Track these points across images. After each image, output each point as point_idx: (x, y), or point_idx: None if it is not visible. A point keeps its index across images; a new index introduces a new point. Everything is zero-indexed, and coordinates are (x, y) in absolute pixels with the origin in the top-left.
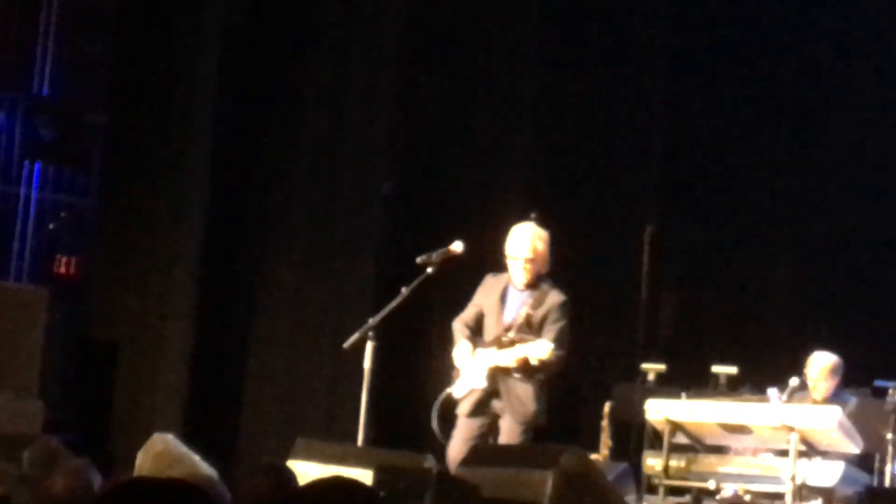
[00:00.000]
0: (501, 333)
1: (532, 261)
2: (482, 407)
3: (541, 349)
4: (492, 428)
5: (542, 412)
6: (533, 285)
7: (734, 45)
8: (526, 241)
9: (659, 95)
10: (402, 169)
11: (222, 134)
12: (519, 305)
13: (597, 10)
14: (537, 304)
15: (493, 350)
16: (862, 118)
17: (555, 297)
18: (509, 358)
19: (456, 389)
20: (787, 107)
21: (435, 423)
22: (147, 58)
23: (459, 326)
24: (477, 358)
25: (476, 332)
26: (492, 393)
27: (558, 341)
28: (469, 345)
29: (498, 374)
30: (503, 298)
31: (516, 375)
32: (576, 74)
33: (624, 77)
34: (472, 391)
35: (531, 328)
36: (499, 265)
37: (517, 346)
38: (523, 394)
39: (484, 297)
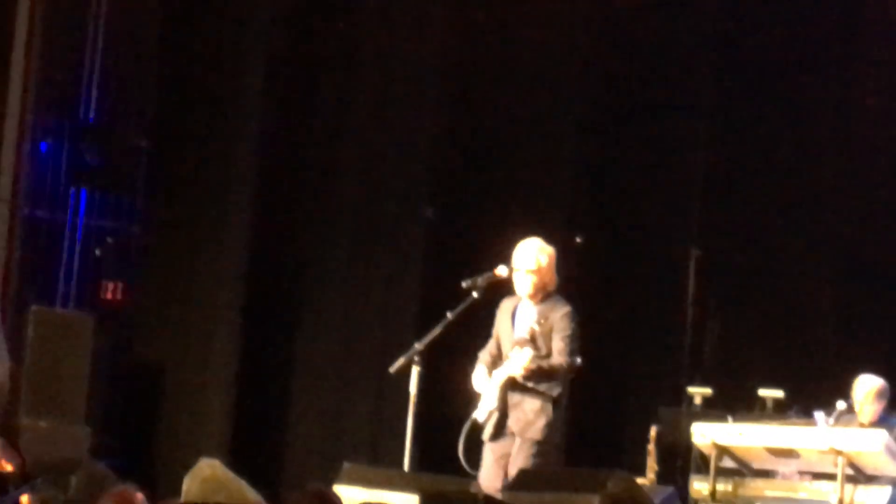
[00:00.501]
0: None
1: (535, 272)
2: (501, 429)
3: (521, 358)
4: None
5: (552, 428)
6: (541, 300)
7: (779, 65)
8: (528, 253)
9: (703, 118)
10: (445, 193)
11: (266, 157)
12: (527, 321)
13: (641, 34)
14: (542, 318)
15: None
16: None
17: (559, 310)
18: (504, 373)
19: (478, 413)
20: (832, 127)
21: (461, 451)
22: (191, 82)
23: (482, 355)
24: (491, 379)
25: (499, 357)
26: (505, 412)
27: (564, 351)
28: (485, 368)
29: (508, 392)
30: (513, 317)
31: (524, 391)
32: (620, 99)
33: (668, 100)
34: (491, 414)
35: (542, 340)
36: None
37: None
38: (529, 409)
39: (499, 321)
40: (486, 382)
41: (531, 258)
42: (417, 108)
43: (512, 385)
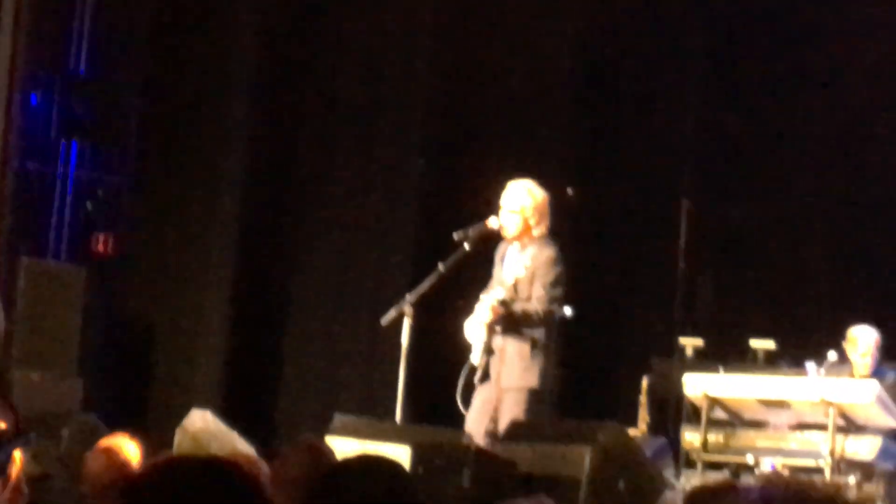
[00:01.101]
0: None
1: (518, 213)
2: (489, 373)
3: (489, 299)
4: (501, 393)
5: (538, 372)
6: (529, 244)
7: (775, 16)
8: (513, 194)
9: (697, 69)
10: (438, 144)
11: (259, 109)
12: (514, 265)
13: None
14: (529, 261)
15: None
16: None
17: (544, 254)
18: (482, 315)
19: (473, 357)
20: (824, 81)
21: (459, 396)
22: (184, 35)
23: (482, 297)
24: (476, 321)
25: None
26: (491, 355)
27: (543, 298)
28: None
29: (493, 335)
30: (503, 259)
31: (504, 335)
32: (614, 51)
33: (661, 52)
34: (482, 357)
35: (524, 286)
36: None
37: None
38: (508, 353)
39: (496, 264)
40: (475, 327)
41: (515, 199)
42: (411, 59)
43: (494, 329)
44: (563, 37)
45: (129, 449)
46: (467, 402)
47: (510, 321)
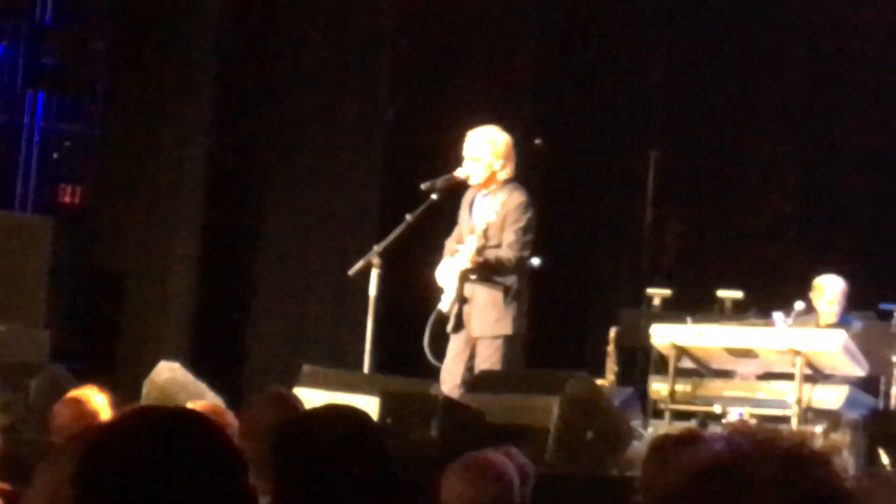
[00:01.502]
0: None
1: (479, 159)
2: (460, 320)
3: (465, 249)
4: (475, 342)
5: (512, 319)
6: (498, 190)
7: None
8: (473, 141)
9: (666, 19)
10: (405, 95)
11: (225, 61)
12: (483, 212)
13: None
14: (498, 207)
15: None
16: (863, 39)
17: (513, 199)
18: (457, 263)
19: (442, 304)
20: (792, 31)
21: (426, 345)
22: None
23: (448, 245)
24: (450, 270)
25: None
26: (463, 303)
27: (515, 245)
28: (449, 259)
29: (465, 283)
30: (471, 207)
31: (477, 283)
32: (581, 4)
33: (630, 3)
34: (453, 305)
35: (495, 231)
36: None
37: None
38: (481, 301)
39: (461, 211)
40: (447, 274)
41: (475, 147)
42: (377, 11)
43: (466, 277)
44: None
45: (96, 400)
46: (436, 351)
47: (484, 269)
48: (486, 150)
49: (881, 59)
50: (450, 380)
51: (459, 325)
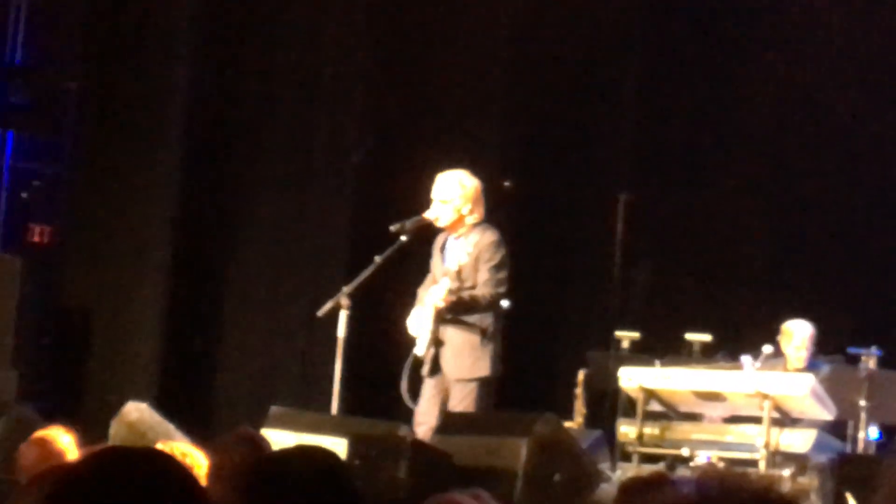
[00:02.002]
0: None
1: (448, 202)
2: (436, 364)
3: (439, 289)
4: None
5: (489, 361)
6: (469, 232)
7: (711, 15)
8: (442, 184)
9: (634, 62)
10: (375, 137)
11: (195, 100)
12: (456, 254)
13: None
14: (470, 248)
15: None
16: (832, 87)
17: (486, 238)
18: (430, 305)
19: (417, 349)
20: (761, 74)
21: (404, 388)
22: (121, 23)
23: (420, 295)
24: (424, 314)
25: None
26: (439, 346)
27: (489, 282)
28: (420, 307)
29: (439, 326)
30: (443, 250)
31: (452, 324)
32: (549, 42)
33: (598, 45)
34: (429, 349)
35: (469, 272)
36: None
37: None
38: (457, 343)
39: (433, 256)
40: (420, 319)
41: (444, 188)
42: (349, 50)
43: (441, 319)
44: (500, 29)
45: (63, 440)
46: (412, 394)
47: (458, 307)
48: (455, 192)
49: (851, 104)
50: (425, 422)
51: (436, 369)
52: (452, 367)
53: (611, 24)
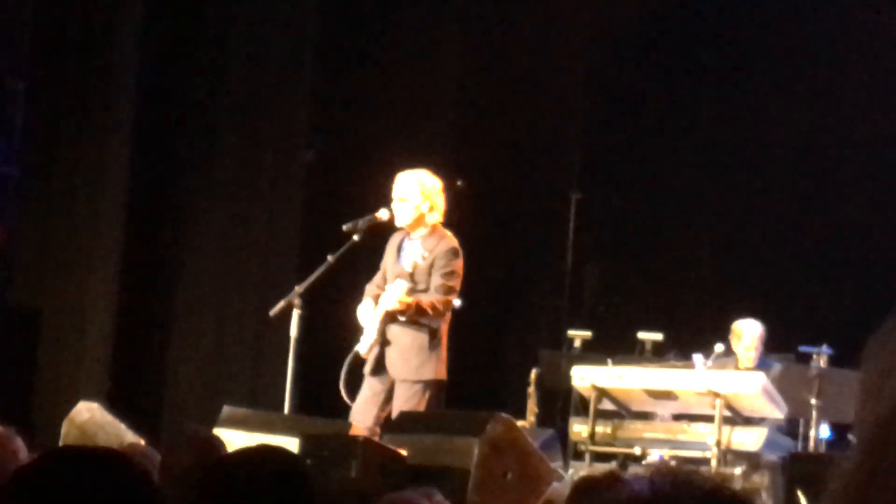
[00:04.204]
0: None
1: (407, 201)
2: (380, 363)
3: (395, 290)
4: (394, 386)
5: (434, 364)
6: (429, 234)
7: (660, 13)
8: (401, 183)
9: (584, 61)
10: (325, 136)
11: (145, 99)
12: (412, 255)
13: None
14: (427, 252)
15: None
16: (781, 89)
17: (443, 245)
18: (382, 305)
19: (360, 346)
20: (710, 76)
21: (342, 384)
22: (68, 21)
23: (368, 288)
24: (374, 312)
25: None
26: (384, 346)
27: (441, 289)
28: (371, 301)
29: (387, 325)
30: (399, 250)
31: (402, 325)
32: (499, 43)
33: (547, 46)
34: (372, 347)
35: (422, 276)
36: None
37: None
38: (406, 344)
39: (386, 253)
40: (369, 315)
41: (404, 186)
42: (298, 49)
43: (391, 319)
44: (452, 29)
45: (14, 441)
46: (351, 391)
47: (410, 313)
48: (415, 191)
49: (797, 102)
50: (361, 420)
51: (379, 368)
52: (399, 368)
53: (561, 25)
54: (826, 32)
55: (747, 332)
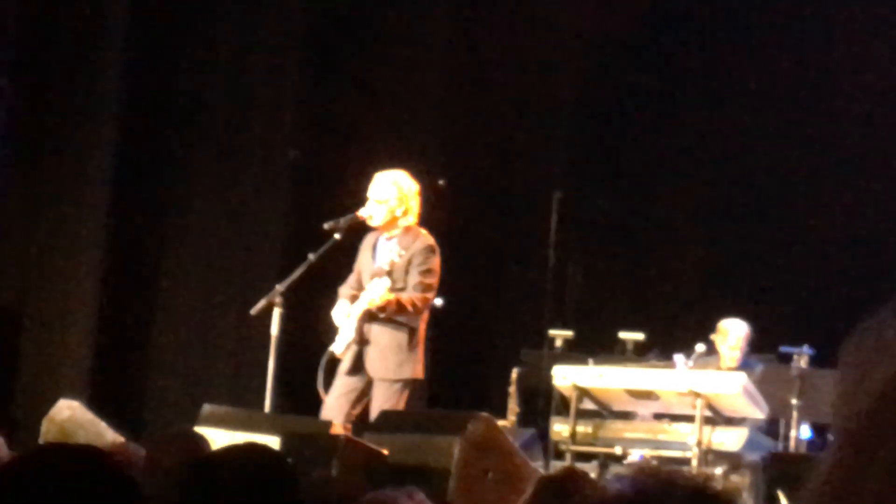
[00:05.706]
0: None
1: (383, 202)
2: (357, 363)
3: (376, 288)
4: (370, 385)
5: (413, 363)
6: (404, 234)
7: (645, 14)
8: (379, 183)
9: (567, 62)
10: (309, 134)
11: (129, 96)
12: (388, 254)
13: None
14: (403, 250)
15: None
16: (764, 90)
17: (419, 243)
18: (362, 303)
19: (336, 346)
20: (694, 76)
21: (320, 384)
22: (53, 18)
23: (342, 290)
24: (351, 311)
25: (360, 291)
26: (362, 345)
27: (419, 287)
28: (346, 301)
29: (365, 324)
30: (374, 249)
31: (381, 324)
32: (485, 41)
33: (531, 45)
34: (349, 347)
35: (400, 274)
36: None
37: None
38: (384, 343)
39: (361, 254)
40: (345, 315)
41: (380, 187)
42: (284, 48)
43: (369, 318)
44: (436, 27)
45: None
46: (328, 391)
47: (390, 311)
48: (391, 193)
49: (784, 102)
50: (334, 416)
51: (357, 368)
52: (378, 367)
53: (545, 25)
54: (812, 37)
55: (733, 332)
